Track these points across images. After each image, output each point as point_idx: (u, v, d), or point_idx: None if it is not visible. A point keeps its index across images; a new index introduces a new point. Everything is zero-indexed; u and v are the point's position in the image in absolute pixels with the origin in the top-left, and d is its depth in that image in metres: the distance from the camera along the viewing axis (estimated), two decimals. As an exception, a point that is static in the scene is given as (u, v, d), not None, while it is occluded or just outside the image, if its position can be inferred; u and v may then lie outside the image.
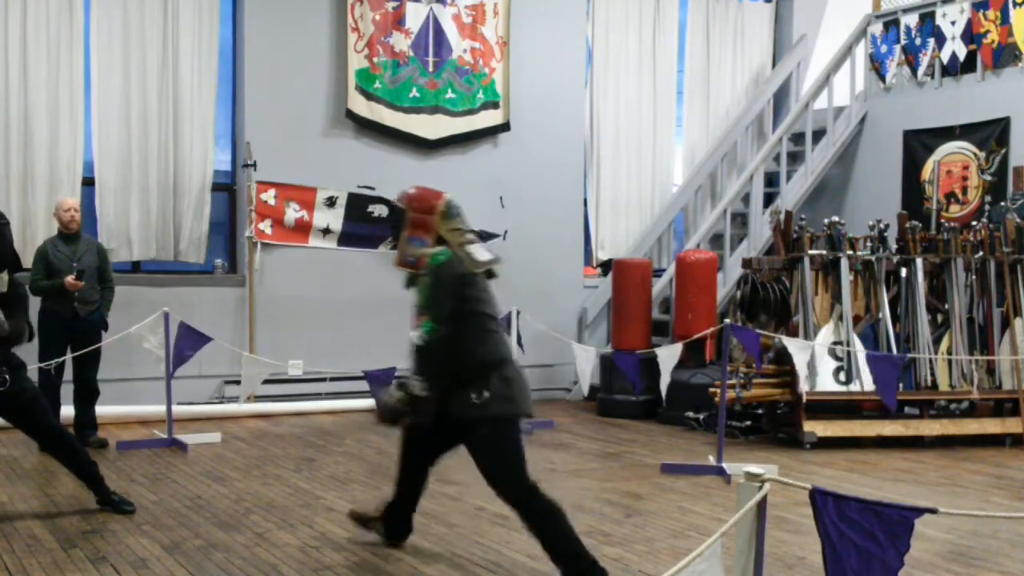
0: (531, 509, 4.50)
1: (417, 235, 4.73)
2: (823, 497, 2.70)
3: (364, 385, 7.65)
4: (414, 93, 10.21)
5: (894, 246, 8.64)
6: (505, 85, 10.61)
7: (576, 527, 5.52)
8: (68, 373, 7.62)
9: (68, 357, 7.55)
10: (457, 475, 6.87)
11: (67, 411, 7.70)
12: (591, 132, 11.30)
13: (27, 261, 8.46)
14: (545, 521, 4.48)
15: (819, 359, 7.98)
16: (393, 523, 5.14)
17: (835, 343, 8.18)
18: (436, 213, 4.76)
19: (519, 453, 4.55)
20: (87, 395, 7.69)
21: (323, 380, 9.48)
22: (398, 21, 10.12)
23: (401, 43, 10.13)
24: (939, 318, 8.63)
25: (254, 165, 9.39)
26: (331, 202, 9.84)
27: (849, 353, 8.13)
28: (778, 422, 8.53)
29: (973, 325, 8.62)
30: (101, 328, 7.74)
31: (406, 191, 4.91)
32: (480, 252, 4.73)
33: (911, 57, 11.03)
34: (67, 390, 7.66)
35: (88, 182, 9.12)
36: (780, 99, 12.08)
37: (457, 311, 4.51)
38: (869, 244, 8.51)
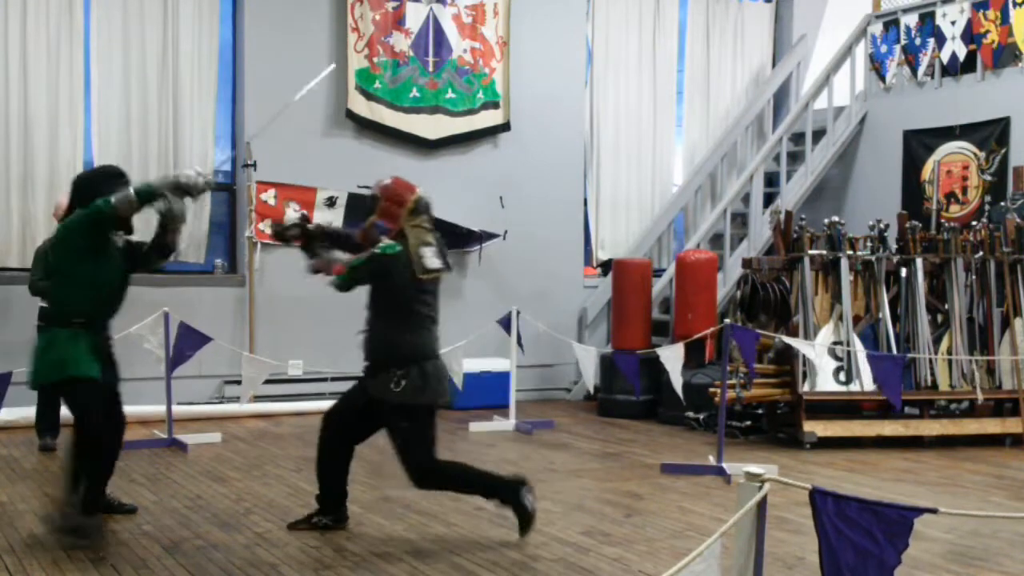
0: (428, 484, 5.27)
1: (382, 221, 5.32)
2: (823, 497, 2.70)
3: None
4: (414, 93, 10.21)
5: (894, 246, 8.64)
6: (505, 85, 10.61)
7: (574, 527, 5.54)
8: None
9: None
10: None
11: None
12: (591, 132, 11.30)
13: (27, 261, 8.49)
14: (448, 484, 5.33)
15: (819, 359, 7.98)
16: (333, 506, 5.47)
17: (835, 343, 8.18)
18: (405, 206, 5.25)
19: (424, 436, 5.17)
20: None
21: (323, 380, 9.48)
22: (398, 21, 10.12)
23: (401, 43, 10.14)
24: (939, 318, 8.63)
25: (254, 165, 9.38)
26: (331, 202, 9.83)
27: (849, 353, 8.13)
28: (778, 422, 8.53)
29: (973, 325, 8.62)
30: None
31: (382, 180, 5.43)
32: (432, 258, 5.22)
33: (911, 57, 11.03)
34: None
35: (88, 182, 9.10)
36: (780, 99, 12.08)
37: (398, 305, 5.21)
38: (869, 244, 8.51)
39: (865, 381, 8.07)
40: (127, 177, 5.32)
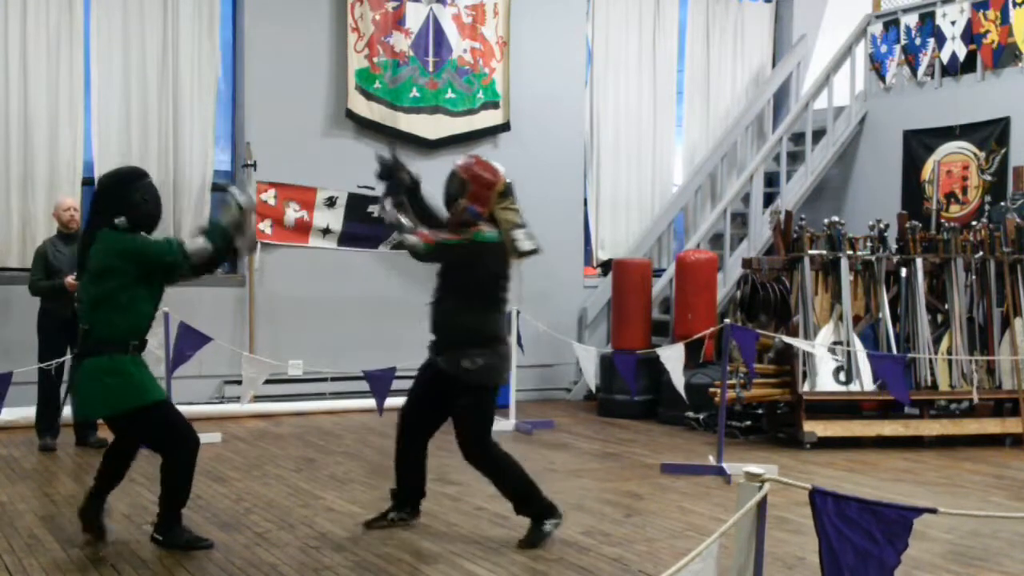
0: (479, 462, 5.26)
1: (474, 206, 5.26)
2: (823, 497, 2.69)
3: (364, 385, 7.64)
4: (414, 93, 10.21)
5: (894, 246, 8.64)
6: (505, 85, 10.61)
7: (574, 527, 5.54)
8: (68, 373, 7.61)
9: (68, 357, 7.54)
10: (457, 475, 6.88)
11: (67, 411, 7.69)
12: (591, 132, 11.30)
13: (27, 261, 8.49)
14: (494, 470, 5.26)
15: (819, 359, 7.98)
16: (408, 500, 5.51)
17: (835, 343, 8.18)
18: (494, 189, 5.31)
19: (485, 415, 5.26)
20: (87, 396, 7.66)
21: (323, 380, 9.48)
22: (398, 21, 10.12)
23: (401, 43, 10.14)
24: (939, 318, 8.63)
25: (254, 165, 9.38)
26: (331, 202, 9.83)
27: (849, 353, 8.13)
28: (778, 422, 8.53)
29: (973, 325, 8.62)
30: None
31: (468, 161, 5.46)
32: (525, 241, 5.31)
33: (911, 57, 11.02)
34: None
35: (88, 182, 9.10)
36: (780, 99, 12.08)
37: (481, 289, 5.21)
38: (869, 244, 8.51)
39: (865, 381, 8.08)
40: (149, 178, 5.24)
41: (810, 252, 8.30)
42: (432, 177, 10.91)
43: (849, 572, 2.66)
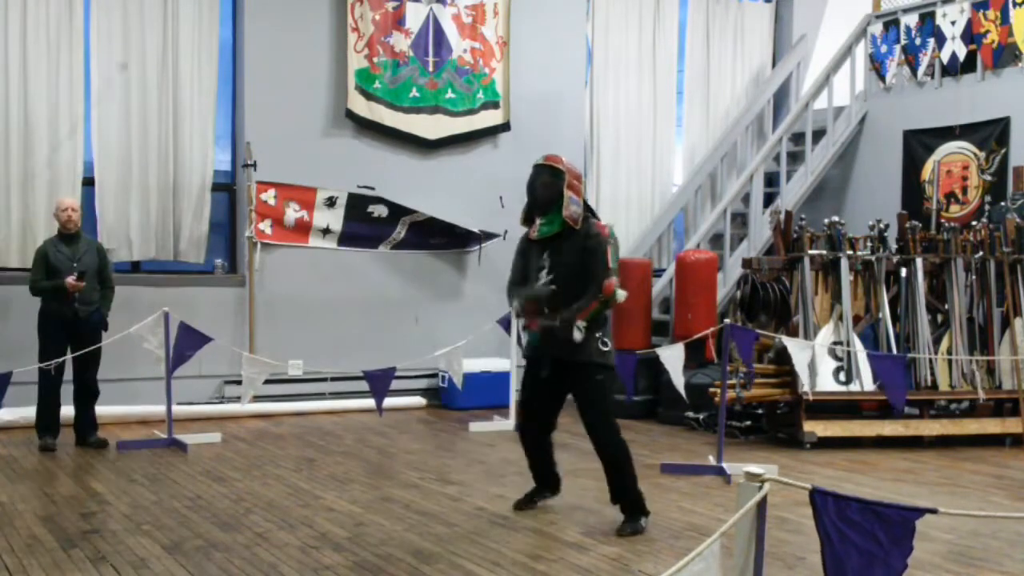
0: (612, 437, 5.50)
1: (575, 197, 5.44)
2: (823, 497, 2.69)
3: (364, 385, 7.65)
4: (414, 93, 10.21)
5: (894, 246, 8.64)
6: (505, 85, 10.61)
7: (574, 527, 5.54)
8: (68, 373, 7.62)
9: (68, 357, 7.54)
10: (457, 475, 6.88)
11: (67, 411, 7.70)
12: (591, 132, 11.30)
13: (27, 261, 8.49)
14: (621, 448, 5.50)
15: (819, 359, 7.98)
16: (548, 480, 5.98)
17: (835, 343, 8.18)
18: (582, 180, 5.56)
19: (610, 396, 5.63)
20: (87, 395, 7.68)
21: (323, 380, 9.48)
22: (398, 21, 10.12)
23: (401, 43, 10.13)
24: (939, 318, 8.63)
25: (254, 165, 9.38)
26: (331, 202, 9.83)
27: (849, 353, 8.13)
28: (778, 422, 8.53)
29: (973, 325, 8.62)
30: (101, 328, 7.73)
31: (555, 156, 5.62)
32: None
33: (911, 57, 11.02)
34: (67, 390, 7.66)
35: (88, 182, 9.11)
36: (780, 99, 12.08)
37: (597, 276, 5.34)
38: (869, 244, 8.51)
39: (865, 381, 8.08)
40: None
41: (810, 252, 8.30)
42: (432, 177, 10.96)
43: (853, 575, 2.66)
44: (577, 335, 5.32)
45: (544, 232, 5.48)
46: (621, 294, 5.40)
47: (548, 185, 5.47)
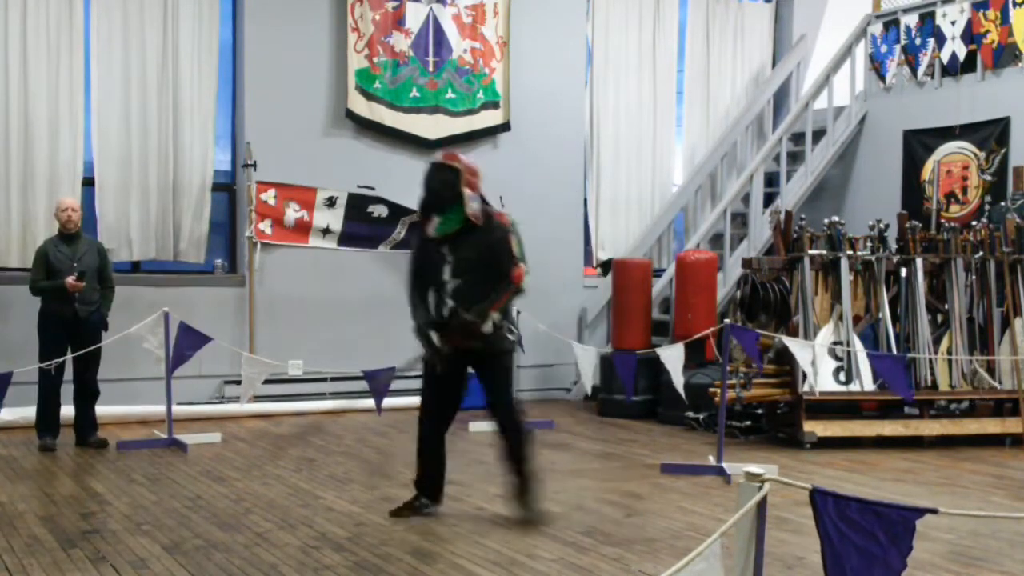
0: (516, 418, 5.64)
1: (473, 194, 5.53)
2: (823, 497, 2.69)
3: (364, 385, 7.65)
4: (414, 93, 10.21)
5: (894, 246, 8.64)
6: (505, 85, 10.61)
7: (574, 527, 5.54)
8: (68, 373, 7.61)
9: (68, 357, 7.54)
10: (457, 475, 6.88)
11: (67, 411, 7.70)
12: (591, 132, 11.30)
13: (27, 261, 8.49)
14: (521, 429, 5.64)
15: (819, 359, 7.98)
16: (434, 489, 5.86)
17: (835, 343, 8.18)
18: (478, 176, 5.63)
19: (513, 377, 5.81)
20: (87, 395, 7.68)
21: (323, 380, 9.48)
22: (398, 21, 10.12)
23: (401, 43, 10.13)
24: (939, 318, 8.63)
25: (254, 165, 9.38)
26: (331, 202, 9.83)
27: (849, 353, 8.13)
28: (778, 422, 8.53)
29: (973, 325, 8.62)
30: (101, 328, 7.73)
31: (452, 153, 5.75)
32: None
33: (911, 57, 11.02)
34: (67, 390, 7.66)
35: (88, 182, 9.11)
36: (780, 99, 12.08)
37: (502, 267, 5.49)
38: (869, 244, 8.51)
39: (865, 381, 8.08)
40: None
41: (810, 252, 8.30)
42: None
43: (853, 574, 2.66)
44: (488, 327, 5.45)
45: (442, 230, 5.47)
46: (527, 281, 5.57)
47: (445, 183, 5.48)
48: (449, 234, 5.47)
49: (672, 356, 7.33)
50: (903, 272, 8.50)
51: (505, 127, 10.62)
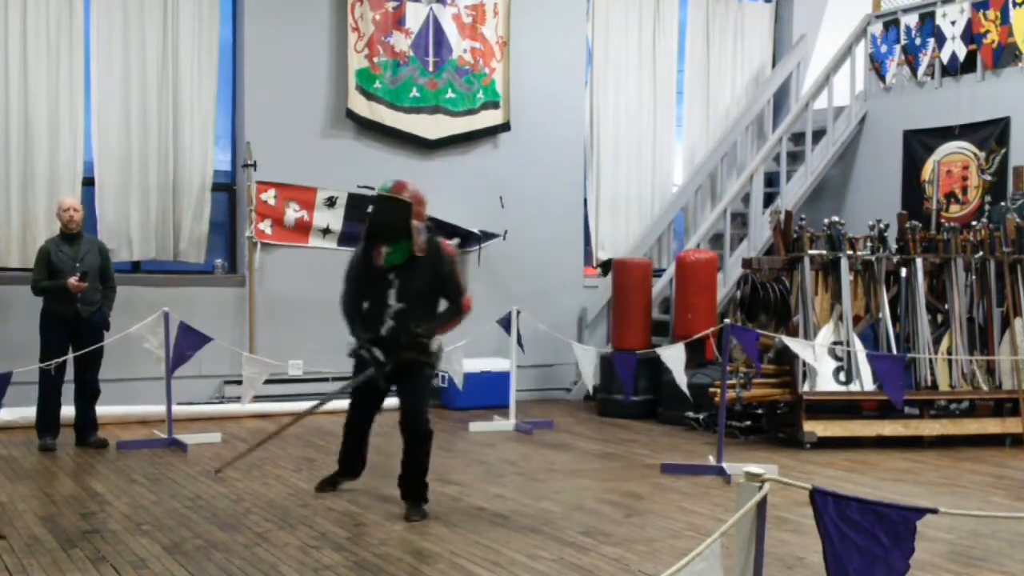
0: (426, 430, 5.83)
1: (421, 225, 5.73)
2: (823, 497, 2.69)
3: (364, 385, 7.64)
4: (414, 93, 10.21)
5: (894, 246, 8.64)
6: (505, 85, 10.61)
7: (574, 527, 5.54)
8: (69, 373, 7.61)
9: (70, 356, 7.54)
10: (457, 475, 6.88)
11: (68, 411, 7.70)
12: (591, 132, 11.30)
13: (27, 261, 8.49)
14: (428, 443, 5.84)
15: (819, 359, 7.98)
16: (355, 467, 6.36)
17: (835, 343, 8.18)
18: (424, 205, 5.82)
19: (430, 390, 6.16)
20: (88, 395, 7.68)
21: (323, 380, 9.47)
22: (398, 21, 10.12)
23: (401, 43, 10.13)
24: (939, 318, 8.63)
25: (254, 165, 9.38)
26: (331, 202, 9.83)
27: (849, 353, 8.13)
28: (778, 422, 8.53)
29: (973, 325, 8.62)
30: (103, 328, 7.73)
31: (401, 184, 5.82)
32: None
33: (911, 57, 11.03)
34: (68, 390, 7.65)
35: (88, 182, 9.11)
36: (780, 99, 12.08)
37: (436, 292, 5.80)
38: (869, 244, 8.51)
39: (865, 381, 8.08)
40: None
41: (810, 252, 8.30)
42: (432, 177, 10.98)
43: (855, 575, 2.66)
44: (434, 346, 5.80)
45: (391, 260, 5.72)
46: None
47: (396, 216, 5.71)
48: (397, 264, 5.72)
49: (672, 356, 7.34)
50: (903, 272, 8.50)
51: (505, 127, 10.63)
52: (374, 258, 5.77)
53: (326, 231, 9.84)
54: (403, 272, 5.71)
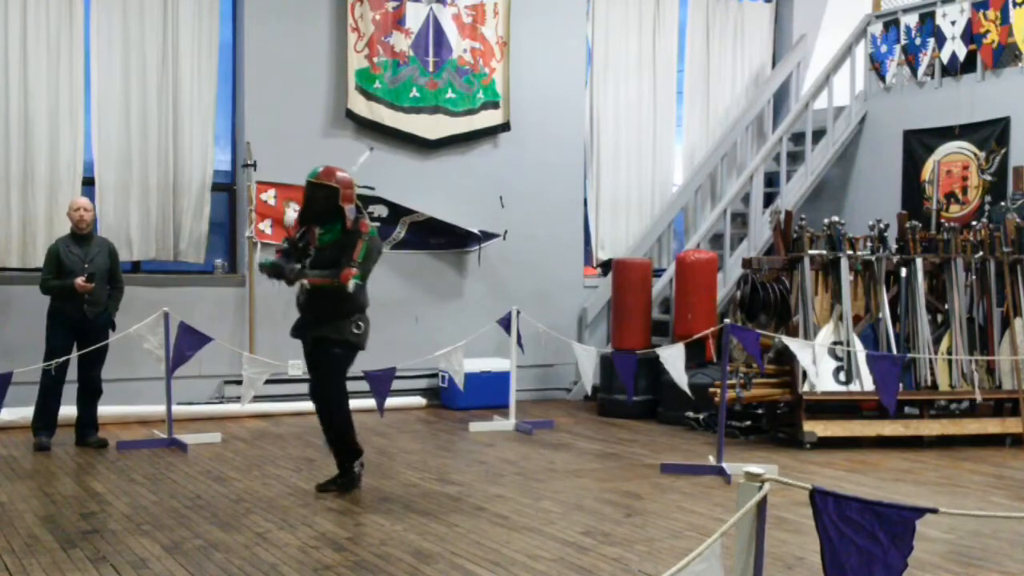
0: (334, 407, 6.25)
1: (351, 206, 6.15)
2: (823, 497, 2.69)
3: (364, 385, 7.64)
4: (414, 93, 10.21)
5: (894, 246, 8.64)
6: (505, 85, 10.61)
7: (574, 527, 5.54)
8: (71, 373, 7.60)
9: (74, 356, 7.53)
10: (457, 475, 6.89)
11: (68, 411, 7.70)
12: (591, 132, 11.30)
13: (27, 261, 8.50)
14: (340, 417, 6.25)
15: (819, 359, 7.98)
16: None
17: (835, 343, 8.18)
18: (353, 187, 6.19)
19: (347, 368, 6.33)
20: (90, 394, 7.68)
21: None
22: (398, 21, 10.12)
23: (401, 43, 10.13)
24: (939, 318, 8.63)
25: (254, 165, 9.38)
26: (331, 202, 9.81)
27: (849, 353, 8.13)
28: (778, 422, 8.53)
29: (973, 325, 8.62)
30: (109, 328, 7.73)
31: (329, 169, 6.20)
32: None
33: (911, 57, 11.02)
34: (70, 390, 7.65)
35: (88, 182, 9.11)
36: (780, 99, 12.08)
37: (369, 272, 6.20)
38: (869, 244, 8.51)
39: (865, 381, 8.07)
40: None
41: (810, 252, 8.30)
42: (432, 177, 10.98)
43: (852, 574, 2.66)
44: (351, 327, 6.15)
45: (326, 240, 6.14)
46: (352, 285, 6.02)
47: (325, 201, 6.11)
48: (329, 244, 6.12)
49: (672, 356, 7.34)
50: (903, 272, 8.50)
51: (505, 127, 10.62)
52: (309, 240, 6.16)
53: (326, 231, 9.82)
54: (328, 248, 6.10)
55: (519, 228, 10.56)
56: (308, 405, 9.33)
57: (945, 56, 10.70)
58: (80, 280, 7.38)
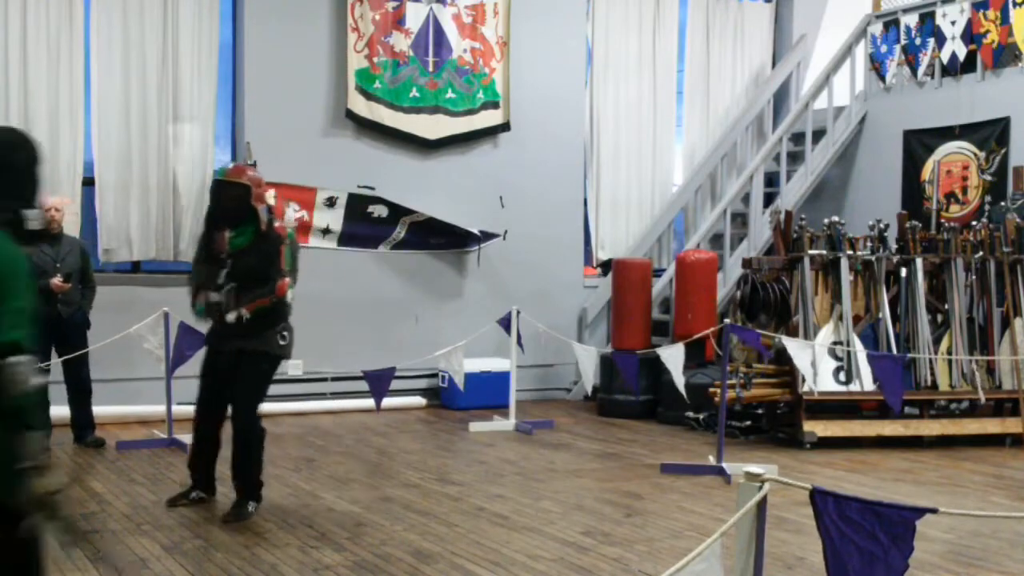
0: (251, 425, 5.82)
1: (263, 206, 5.81)
2: (823, 497, 2.69)
3: (364, 385, 7.65)
4: (414, 93, 10.20)
5: (894, 246, 8.64)
6: (505, 85, 10.61)
7: (574, 527, 5.54)
8: (55, 374, 7.55)
9: (58, 361, 7.50)
10: (457, 475, 6.88)
11: (61, 411, 7.66)
12: (591, 132, 11.30)
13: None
14: (255, 439, 5.86)
15: (819, 359, 7.98)
16: (207, 481, 6.08)
17: (835, 343, 8.18)
18: (264, 187, 5.90)
19: (268, 383, 5.94)
20: (80, 393, 7.65)
21: (323, 380, 9.47)
22: (398, 21, 10.11)
23: (401, 43, 10.13)
24: (939, 318, 8.63)
25: (254, 165, 9.37)
26: (331, 202, 9.83)
27: (849, 353, 8.13)
28: (778, 422, 8.53)
29: (973, 325, 8.62)
30: (85, 327, 7.68)
31: (239, 167, 5.97)
32: None
33: (911, 57, 11.02)
34: (59, 391, 7.63)
35: (88, 182, 9.10)
36: (780, 99, 12.08)
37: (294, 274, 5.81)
38: (869, 244, 8.51)
39: (865, 381, 8.08)
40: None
41: (810, 252, 8.30)
42: (432, 177, 10.98)
43: (855, 575, 2.66)
44: (231, 317, 5.63)
45: (236, 244, 5.71)
46: (290, 295, 5.77)
47: (236, 200, 5.73)
48: (242, 247, 5.69)
49: (672, 356, 7.34)
50: (903, 272, 8.51)
51: (505, 127, 10.62)
52: (218, 243, 5.74)
53: (326, 231, 9.84)
54: (242, 253, 5.70)
55: (519, 228, 10.56)
56: (308, 405, 9.44)
57: (945, 56, 10.70)
58: (56, 280, 7.31)
